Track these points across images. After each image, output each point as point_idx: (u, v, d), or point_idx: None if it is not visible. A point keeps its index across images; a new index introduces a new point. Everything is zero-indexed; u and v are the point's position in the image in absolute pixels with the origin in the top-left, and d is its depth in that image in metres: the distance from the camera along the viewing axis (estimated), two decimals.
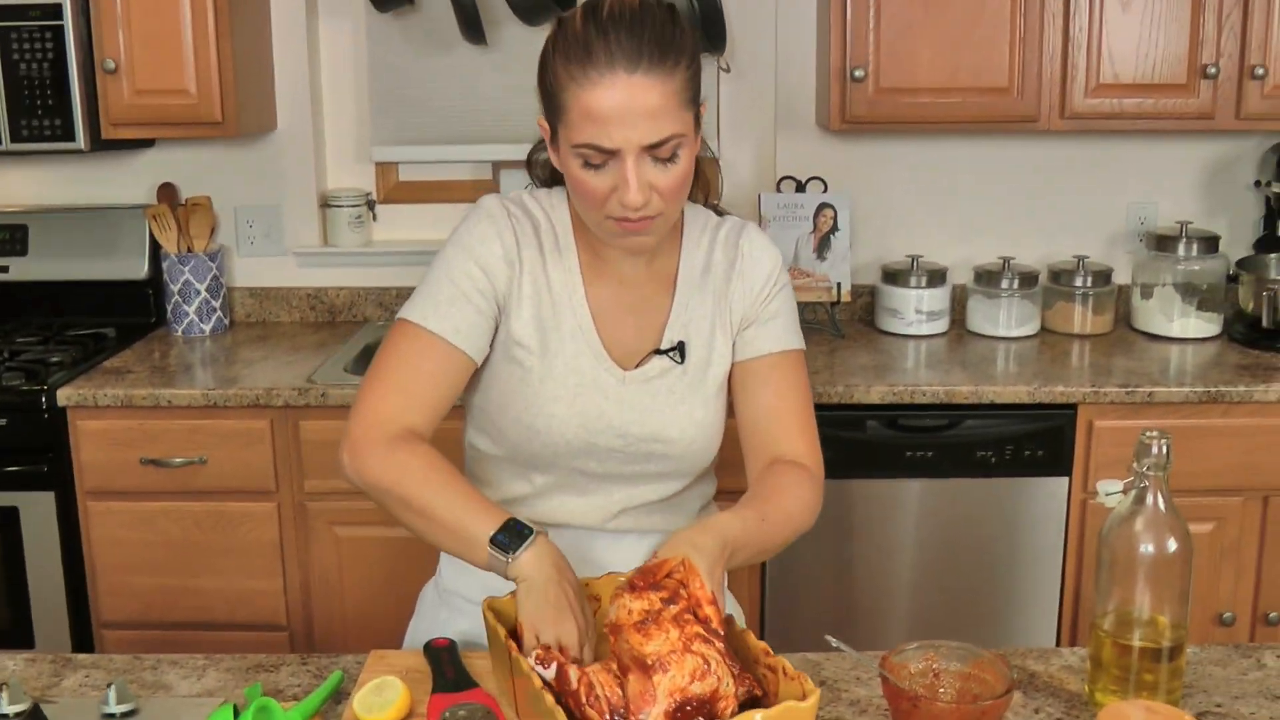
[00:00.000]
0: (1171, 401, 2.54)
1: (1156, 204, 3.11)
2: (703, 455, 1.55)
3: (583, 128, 1.34)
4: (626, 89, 1.32)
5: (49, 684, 1.44)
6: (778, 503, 1.45)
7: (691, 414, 1.52)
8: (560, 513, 1.54)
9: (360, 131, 3.17)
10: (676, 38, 1.36)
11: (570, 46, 1.35)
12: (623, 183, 1.35)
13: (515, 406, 1.49)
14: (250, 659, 1.49)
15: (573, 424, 1.48)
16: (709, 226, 1.57)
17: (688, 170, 1.40)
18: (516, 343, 1.49)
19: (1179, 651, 1.33)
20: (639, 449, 1.51)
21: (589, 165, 1.36)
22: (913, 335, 2.98)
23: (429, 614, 1.63)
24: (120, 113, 2.74)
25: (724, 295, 1.54)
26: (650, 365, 1.51)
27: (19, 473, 2.56)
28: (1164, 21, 2.68)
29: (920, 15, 2.71)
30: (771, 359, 1.54)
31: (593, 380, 1.49)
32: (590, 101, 1.32)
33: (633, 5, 1.36)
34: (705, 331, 1.54)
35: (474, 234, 1.48)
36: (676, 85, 1.35)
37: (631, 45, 1.32)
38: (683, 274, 1.54)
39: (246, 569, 2.66)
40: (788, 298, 1.58)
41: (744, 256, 1.55)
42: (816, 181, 3.05)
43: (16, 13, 2.63)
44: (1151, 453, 1.32)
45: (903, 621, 2.68)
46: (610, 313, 1.51)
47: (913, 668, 1.31)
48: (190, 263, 2.97)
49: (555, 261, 1.50)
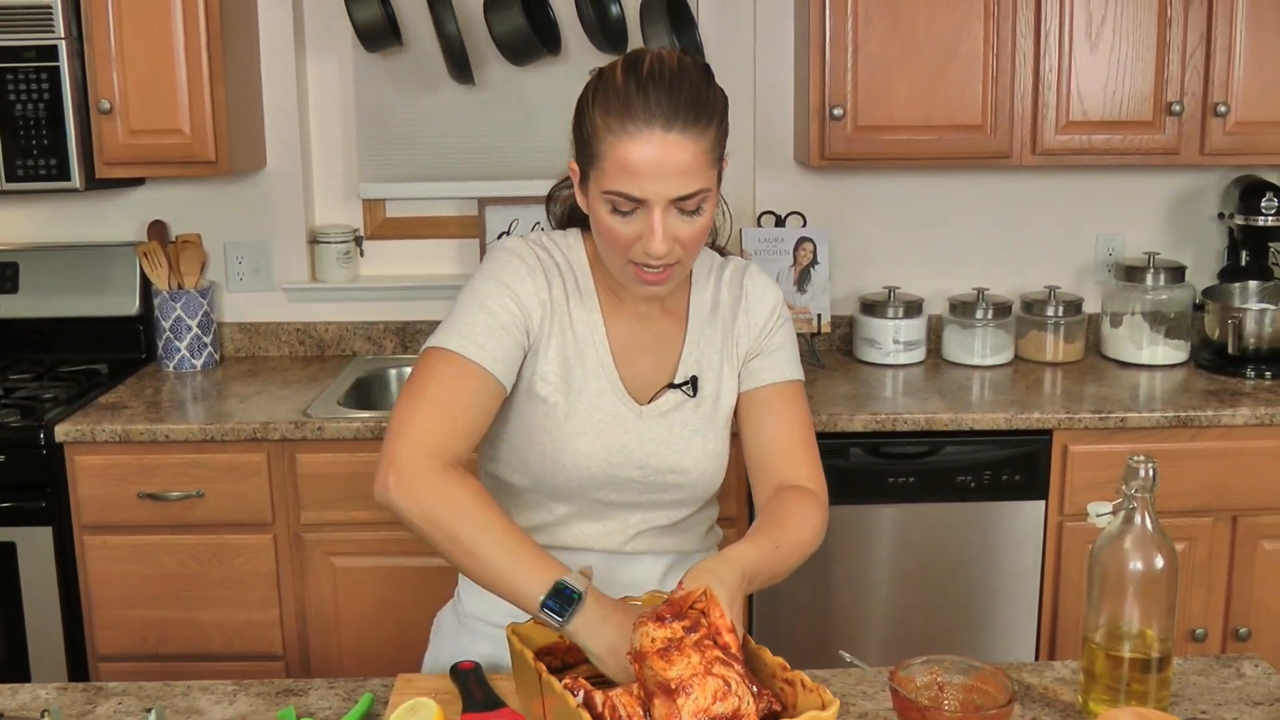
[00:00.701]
0: (1143, 426, 2.63)
1: (1124, 236, 3.22)
2: (714, 483, 1.63)
3: (616, 177, 1.40)
4: (661, 145, 1.38)
5: (83, 711, 1.48)
6: (789, 529, 1.51)
7: (705, 445, 1.59)
8: (580, 538, 1.60)
9: (348, 169, 3.23)
10: (711, 99, 1.44)
11: (610, 99, 1.41)
12: (649, 232, 1.42)
13: (540, 441, 1.54)
14: (279, 683, 1.54)
15: (596, 458, 1.54)
16: (714, 266, 1.66)
17: (709, 222, 1.47)
18: (542, 380, 1.54)
19: (1167, 662, 1.41)
20: (657, 480, 1.58)
21: (617, 211, 1.43)
22: (890, 365, 3.07)
23: (449, 639, 1.68)
24: (115, 152, 2.78)
25: (730, 331, 1.62)
26: (665, 399, 1.58)
27: (16, 508, 2.59)
28: (1130, 61, 2.80)
29: (896, 55, 2.81)
30: (776, 388, 1.62)
31: (614, 416, 1.55)
32: (626, 154, 1.39)
33: (672, 65, 1.43)
34: (715, 366, 1.61)
35: (507, 270, 1.53)
36: (707, 144, 1.42)
37: (669, 104, 1.39)
38: (693, 311, 1.62)
39: (243, 600, 2.69)
40: (789, 332, 1.66)
41: (748, 295, 1.64)
42: (796, 216, 3.14)
43: (13, 54, 2.67)
44: (1139, 476, 1.40)
45: (886, 642, 2.75)
46: (628, 350, 1.58)
47: (919, 680, 1.38)
48: (181, 299, 3.01)
49: (578, 302, 1.56)
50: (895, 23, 2.79)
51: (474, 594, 1.63)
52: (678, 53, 1.48)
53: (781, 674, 1.31)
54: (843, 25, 2.80)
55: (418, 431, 1.43)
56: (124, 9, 2.72)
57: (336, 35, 3.12)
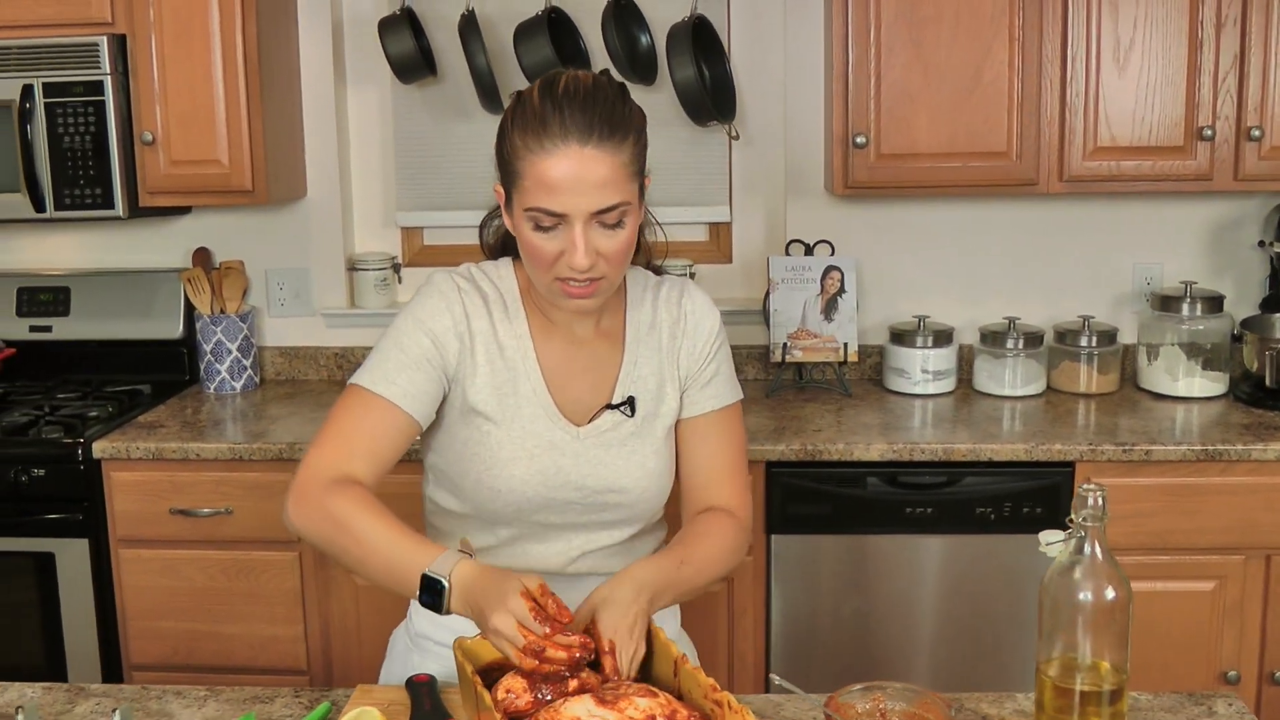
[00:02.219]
0: (1169, 460, 2.58)
1: (1162, 264, 3.16)
2: (655, 501, 1.66)
3: (535, 193, 1.45)
4: (578, 160, 1.43)
5: (63, 710, 1.54)
6: (700, 547, 1.56)
7: (644, 464, 1.62)
8: (524, 559, 1.63)
9: (386, 197, 3.32)
10: (626, 115, 1.48)
11: (527, 118, 1.46)
12: (571, 246, 1.46)
13: (475, 469, 1.58)
14: (248, 691, 1.59)
15: (532, 483, 1.57)
16: (650, 285, 1.69)
17: (632, 237, 1.51)
18: (474, 410, 1.58)
19: (1120, 695, 1.39)
20: (595, 500, 1.61)
21: (540, 228, 1.47)
22: (919, 395, 3.04)
23: (401, 657, 1.72)
24: (157, 182, 2.90)
25: (671, 351, 1.65)
26: (602, 420, 1.61)
27: (56, 520, 2.69)
28: (1160, 85, 2.75)
29: (919, 82, 2.80)
30: (710, 417, 1.66)
31: (548, 440, 1.58)
32: (544, 170, 1.44)
33: (586, 83, 1.48)
34: (653, 386, 1.64)
35: (425, 308, 1.58)
36: (624, 158, 1.46)
37: (584, 120, 1.44)
38: (630, 332, 1.65)
39: (268, 616, 2.76)
40: (726, 354, 1.70)
41: (687, 316, 1.66)
42: (824, 245, 3.14)
43: (62, 89, 2.80)
44: (1088, 504, 1.38)
45: (902, 674, 2.71)
46: (562, 372, 1.61)
47: (860, 707, 1.38)
48: (222, 323, 3.11)
49: (506, 328, 1.60)
50: (918, 50, 2.79)
51: (422, 615, 1.67)
52: (593, 73, 1.54)
53: (711, 694, 1.32)
54: (865, 53, 2.80)
55: (316, 459, 1.51)
56: (166, 46, 2.83)
57: (375, 68, 3.21)
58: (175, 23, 2.82)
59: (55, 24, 2.82)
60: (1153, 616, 2.63)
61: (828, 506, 2.68)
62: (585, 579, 1.63)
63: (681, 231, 3.33)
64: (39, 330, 3.21)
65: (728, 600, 2.72)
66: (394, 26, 3.05)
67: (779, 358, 3.08)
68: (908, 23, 2.79)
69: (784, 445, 2.65)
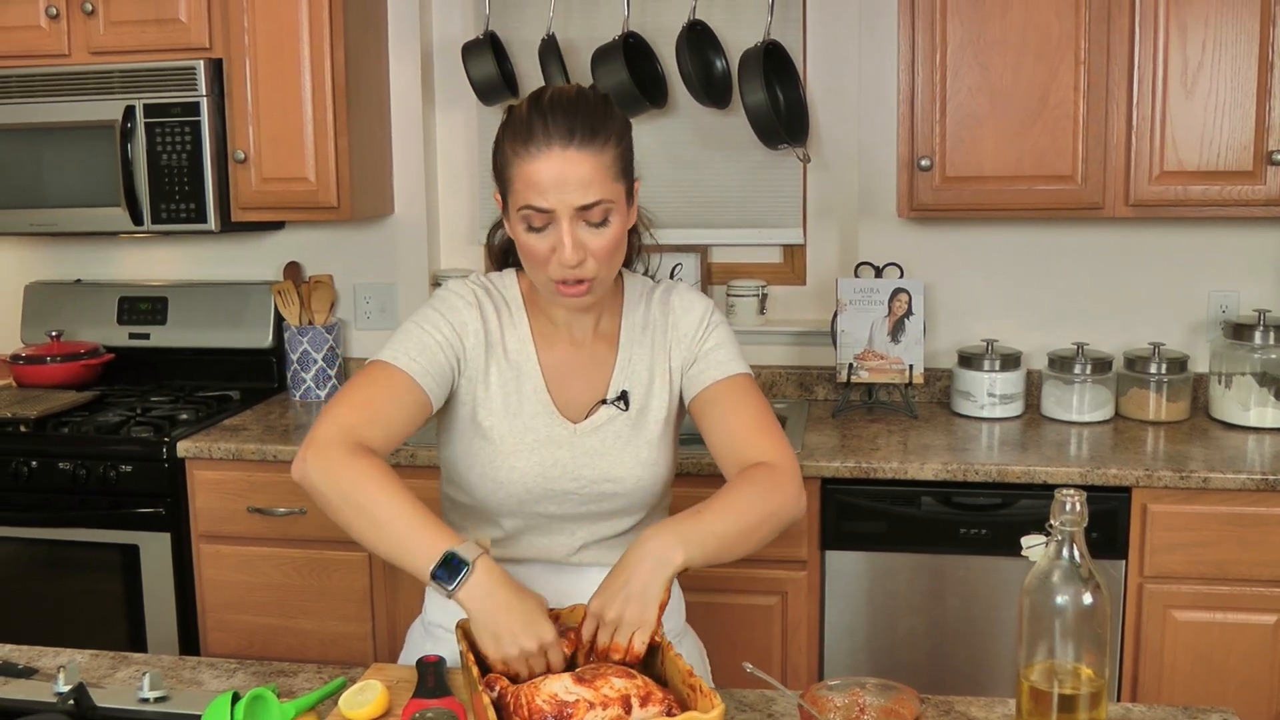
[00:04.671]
0: (1227, 489, 2.53)
1: (1238, 292, 3.09)
2: (651, 491, 1.71)
3: (524, 193, 1.54)
4: (561, 160, 1.52)
5: (105, 674, 1.66)
6: (721, 496, 1.56)
7: (638, 454, 1.68)
8: (529, 550, 1.71)
9: (471, 214, 3.45)
10: (607, 120, 1.57)
11: (517, 128, 1.57)
12: (559, 242, 1.54)
13: (480, 464, 1.67)
14: (275, 666, 1.69)
15: (532, 474, 1.65)
16: (645, 291, 1.77)
17: (618, 235, 1.58)
18: (481, 407, 1.67)
19: (1098, 699, 1.39)
20: (593, 490, 1.68)
21: (532, 229, 1.56)
22: (985, 418, 3.03)
23: (416, 646, 1.81)
24: (248, 198, 3.07)
25: (662, 346, 1.72)
26: (598, 415, 1.69)
27: (141, 514, 2.86)
28: (1228, 108, 2.72)
29: (985, 106, 2.81)
30: (719, 385, 1.70)
31: (548, 435, 1.66)
32: (531, 171, 1.53)
33: (570, 93, 1.58)
34: (644, 380, 1.71)
35: (449, 302, 1.69)
36: (607, 160, 1.55)
37: (566, 124, 1.53)
38: (624, 333, 1.73)
39: (339, 613, 2.88)
40: (724, 334, 1.74)
41: (674, 310, 1.74)
42: (893, 267, 3.16)
43: (161, 110, 3.00)
44: (1066, 509, 1.39)
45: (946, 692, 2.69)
46: (561, 372, 1.70)
47: (838, 701, 1.41)
48: (308, 334, 3.27)
49: (511, 332, 1.70)
50: (984, 74, 2.80)
51: (436, 604, 1.75)
52: (579, 85, 1.64)
53: (688, 679, 1.37)
54: (931, 77, 2.83)
55: (336, 417, 1.57)
56: (260, 70, 3.01)
57: (462, 90, 3.33)
58: (268, 47, 2.99)
59: (157, 49, 3.03)
60: (1210, 648, 2.57)
61: (882, 524, 2.69)
62: (589, 569, 1.69)
63: (755, 254, 3.38)
64: (137, 337, 3.42)
65: (781, 613, 2.75)
66: (477, 51, 3.18)
67: (845, 378, 3.10)
68: (974, 46, 2.80)
69: (839, 462, 2.67)
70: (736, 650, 2.72)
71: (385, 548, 1.52)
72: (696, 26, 3.13)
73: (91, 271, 3.57)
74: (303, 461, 1.54)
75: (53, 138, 3.05)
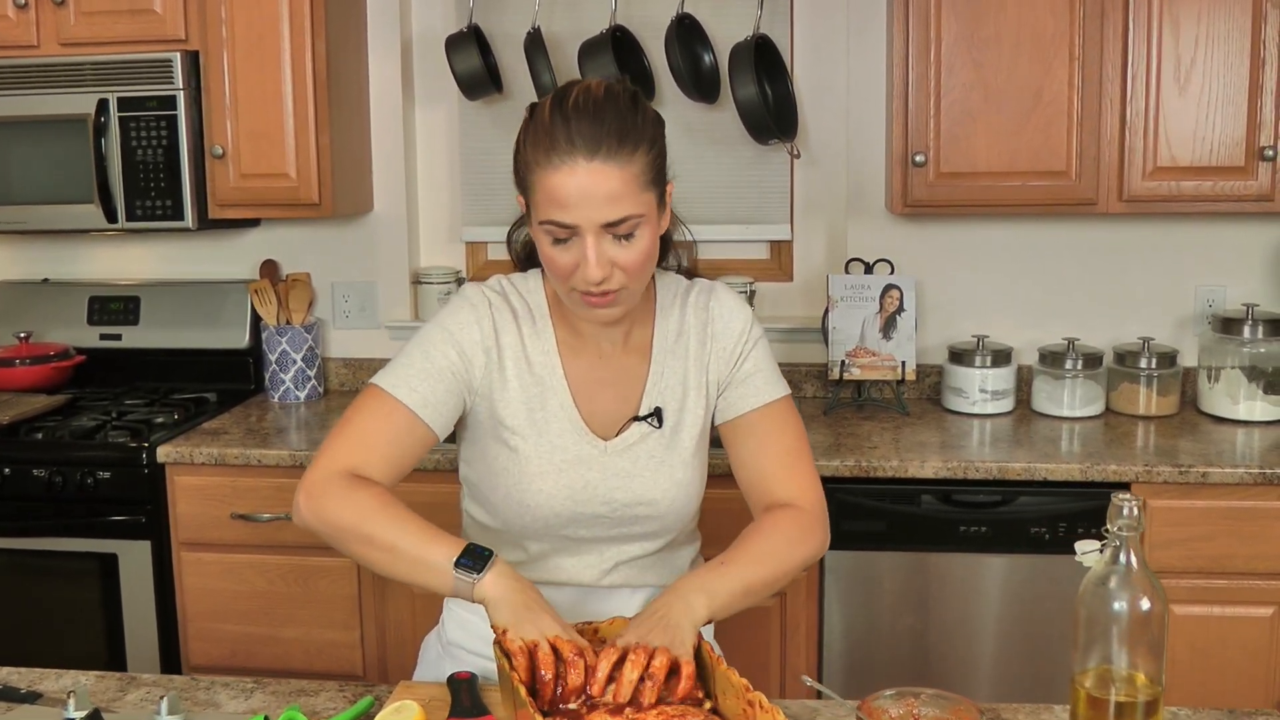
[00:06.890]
0: (1226, 483, 2.54)
1: (1225, 287, 3.11)
2: (684, 512, 1.64)
3: (547, 207, 1.45)
4: (586, 174, 1.42)
5: (114, 697, 1.59)
6: (745, 545, 1.54)
7: (672, 475, 1.60)
8: (557, 573, 1.63)
9: (452, 212, 3.38)
10: (637, 125, 1.46)
11: (538, 133, 1.46)
12: (583, 259, 1.45)
13: (505, 484, 1.58)
14: (295, 684, 1.62)
15: (559, 497, 1.57)
16: (679, 292, 1.66)
17: (649, 248, 1.48)
18: (503, 424, 1.57)
19: (1155, 707, 1.37)
20: (625, 514, 1.60)
21: (556, 241, 1.47)
22: (977, 414, 3.03)
23: (433, 664, 1.74)
24: (226, 194, 2.98)
25: (699, 358, 1.63)
26: (630, 432, 1.60)
27: (120, 522, 2.76)
28: (1221, 104, 2.73)
29: (979, 101, 2.80)
30: (754, 415, 1.63)
31: (576, 455, 1.57)
32: (553, 184, 1.43)
33: (597, 95, 1.47)
34: (679, 395, 1.62)
35: (455, 319, 1.57)
36: (636, 170, 1.45)
37: (591, 134, 1.42)
38: (657, 342, 1.63)
39: (325, 621, 2.81)
40: (762, 352, 1.65)
41: (715, 319, 1.64)
42: (884, 263, 3.14)
43: (136, 104, 2.90)
44: (1123, 514, 1.38)
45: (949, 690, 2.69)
46: (589, 386, 1.60)
47: (893, 712, 1.38)
48: (287, 334, 3.19)
49: (534, 343, 1.59)
50: (978, 69, 2.79)
51: (455, 623, 1.69)
52: (607, 82, 1.51)
53: (745, 694, 1.33)
54: (925, 72, 2.81)
55: (329, 457, 1.51)
56: (238, 62, 2.92)
57: (443, 85, 3.27)
58: (247, 40, 2.90)
59: (131, 40, 2.92)
60: (1208, 641, 2.58)
61: (882, 523, 2.67)
62: (619, 591, 1.64)
63: (743, 250, 3.35)
64: (109, 338, 3.31)
65: (780, 614, 2.72)
66: (461, 44, 3.11)
67: (837, 375, 3.08)
68: (968, 43, 2.79)
69: (839, 461, 2.65)
70: (736, 651, 2.67)
71: (403, 570, 1.47)
72: (685, 20, 3.08)
73: (60, 270, 3.45)
74: (297, 509, 1.51)
75: (22, 132, 2.94)
